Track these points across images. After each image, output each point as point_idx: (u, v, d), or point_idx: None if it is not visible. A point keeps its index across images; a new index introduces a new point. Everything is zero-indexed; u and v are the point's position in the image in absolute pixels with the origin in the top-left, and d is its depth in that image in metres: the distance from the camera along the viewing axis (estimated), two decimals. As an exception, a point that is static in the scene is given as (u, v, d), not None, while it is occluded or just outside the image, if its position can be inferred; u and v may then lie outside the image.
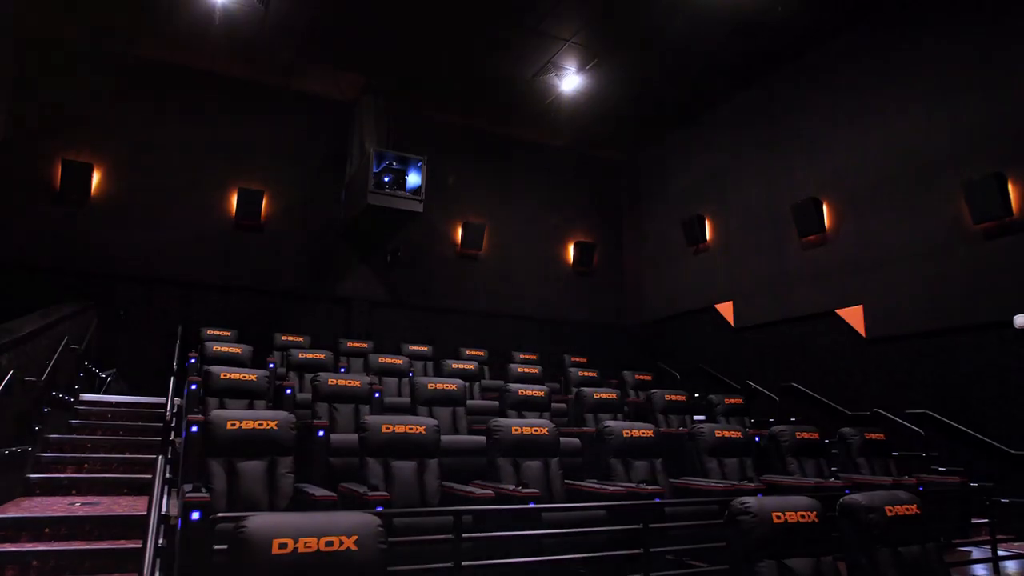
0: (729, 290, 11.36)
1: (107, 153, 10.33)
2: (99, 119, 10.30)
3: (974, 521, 6.37)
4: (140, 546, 2.63)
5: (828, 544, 3.85)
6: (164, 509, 4.28)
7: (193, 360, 8.21)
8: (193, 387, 6.53)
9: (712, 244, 11.95)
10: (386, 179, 10.90)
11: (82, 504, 5.02)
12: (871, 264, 9.04)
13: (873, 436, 6.78)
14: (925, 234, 8.41)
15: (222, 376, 6.22)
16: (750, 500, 3.80)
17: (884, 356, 8.77)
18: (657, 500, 4.68)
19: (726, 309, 11.35)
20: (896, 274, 8.70)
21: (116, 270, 10.06)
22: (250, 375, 6.37)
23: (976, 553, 5.81)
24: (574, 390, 7.89)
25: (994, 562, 5.29)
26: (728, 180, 11.65)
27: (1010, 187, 7.56)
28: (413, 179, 11.16)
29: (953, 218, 8.11)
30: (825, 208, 9.75)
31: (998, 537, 5.40)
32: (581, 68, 10.86)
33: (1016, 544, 6.05)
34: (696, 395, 8.65)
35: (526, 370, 9.19)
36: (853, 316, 9.22)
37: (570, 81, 11.11)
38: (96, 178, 10.21)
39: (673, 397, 7.94)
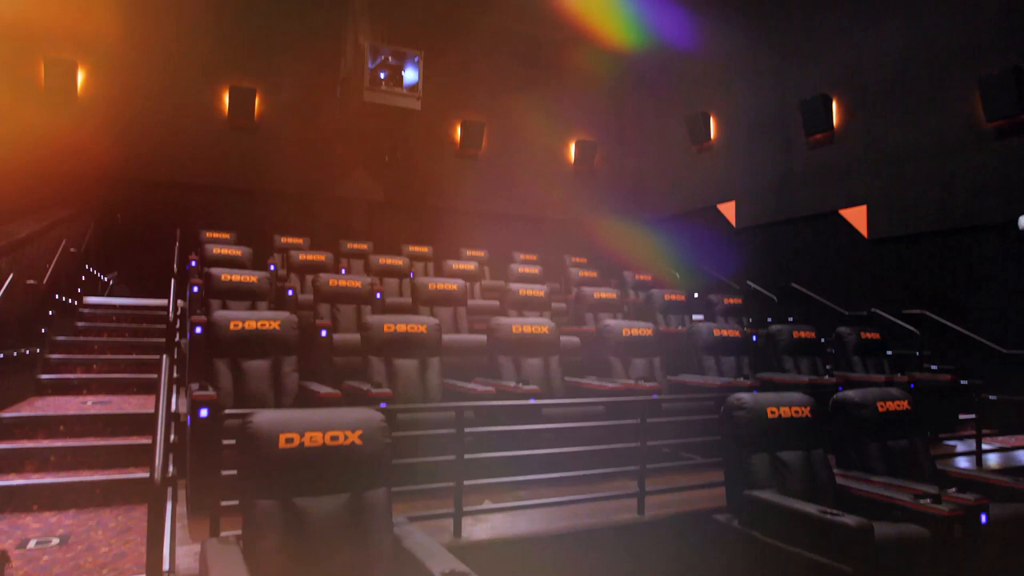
0: (732, 190, 11.22)
1: (91, 50, 9.92)
2: (80, 13, 9.81)
3: (961, 417, 6.57)
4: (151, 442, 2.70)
5: (820, 438, 3.98)
6: (174, 407, 4.39)
7: (194, 263, 8.22)
8: (195, 289, 6.57)
9: (716, 143, 11.68)
10: (382, 75, 10.54)
11: (93, 403, 5.15)
12: (878, 163, 8.87)
13: (869, 335, 6.87)
14: (935, 132, 8.20)
15: (223, 278, 6.23)
16: (745, 396, 3.89)
17: (885, 257, 8.76)
18: (655, 396, 4.78)
19: (728, 209, 11.24)
20: (903, 174, 8.54)
21: (109, 172, 9.87)
22: (251, 276, 6.38)
23: (961, 447, 6.02)
24: (574, 290, 7.94)
25: (978, 455, 5.49)
26: (736, 76, 11.25)
27: (1028, 82, 7.29)
28: (410, 75, 10.79)
29: (965, 116, 7.87)
30: (834, 105, 9.46)
31: (983, 432, 5.58)
32: (584, -46, 10.26)
33: (999, 438, 6.26)
34: (695, 295, 8.70)
35: (526, 270, 9.20)
36: (856, 216, 9.14)
37: (573, -32, 10.52)
38: (81, 77, 9.87)
39: (672, 297, 7.99)
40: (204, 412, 3.47)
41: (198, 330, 5.07)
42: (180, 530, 3.28)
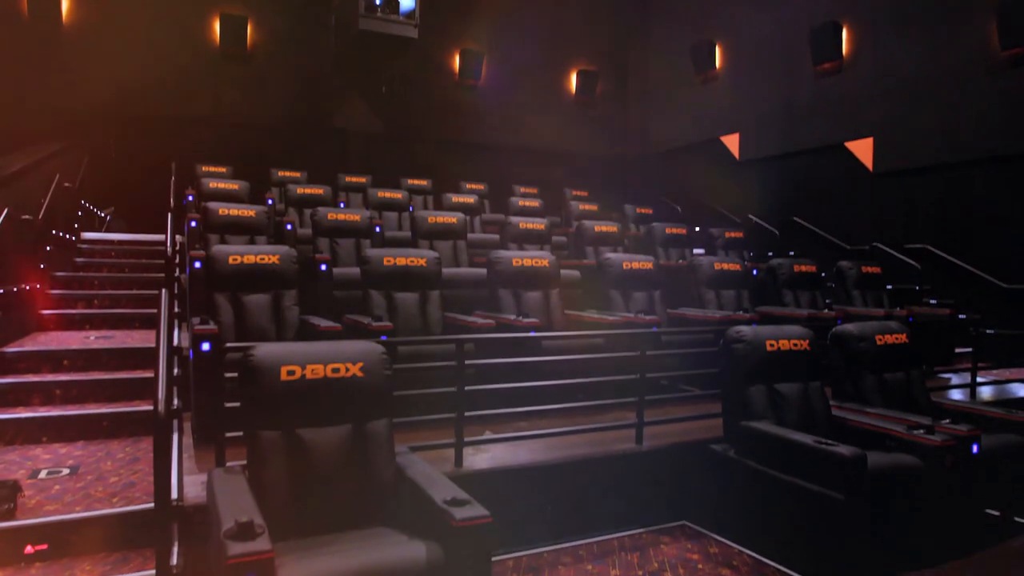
0: (736, 121, 11.00)
1: (73, -26, 9.55)
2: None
3: (958, 351, 6.63)
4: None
5: (818, 371, 4.02)
6: (176, 341, 4.41)
7: (191, 198, 8.13)
8: (193, 224, 6.52)
9: (721, 72, 11.39)
10: (377, 2, 10.21)
11: (96, 338, 5.17)
12: (887, 94, 8.66)
13: (869, 270, 6.86)
14: (948, 61, 7.97)
15: (220, 212, 6.18)
16: (745, 329, 3.91)
17: (890, 190, 8.66)
18: (654, 329, 4.81)
19: (731, 141, 11.06)
20: (912, 105, 8.35)
21: (99, 104, 9.63)
22: (249, 211, 6.33)
23: (955, 379, 6.09)
24: (575, 223, 7.90)
25: (972, 388, 5.56)
26: (743, 1, 10.86)
27: (1047, 7, 7.05)
28: (407, 1, 10.44)
29: (980, 44, 7.64)
30: (844, 32, 9.18)
31: (979, 365, 5.63)
32: None
33: (994, 372, 6.33)
34: (696, 228, 8.65)
35: (526, 203, 9.13)
36: (862, 149, 9.00)
37: None
38: (66, 5, 9.52)
39: (673, 230, 7.94)
40: (206, 346, 3.48)
41: (197, 265, 5.05)
42: (187, 460, 3.34)
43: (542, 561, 3.39)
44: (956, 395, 5.52)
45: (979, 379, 5.63)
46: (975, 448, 3.50)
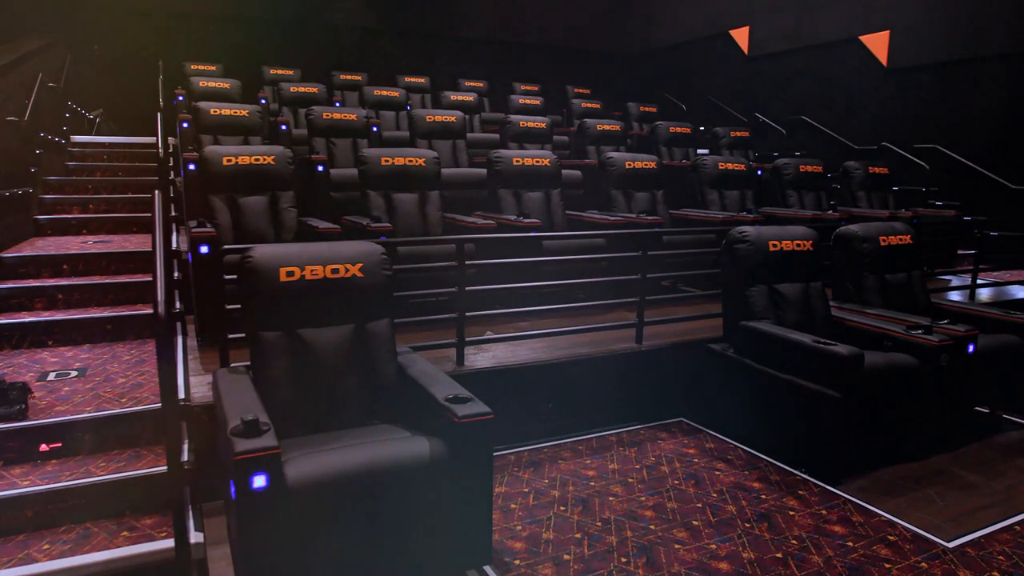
0: (747, 13, 10.49)
1: None
2: None
3: (960, 252, 6.60)
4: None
5: (820, 271, 4.01)
6: (175, 244, 4.39)
7: (181, 98, 7.90)
8: (184, 125, 6.35)
9: (733, -42, 10.77)
10: None
11: (94, 242, 5.13)
12: (908, -20, 8.22)
13: (876, 170, 6.73)
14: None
15: (212, 112, 6.02)
16: (748, 229, 3.87)
17: (902, 87, 8.36)
18: (656, 229, 4.76)
19: (741, 36, 10.59)
20: (933, -7, 7.94)
21: (80, -2, 9.19)
22: (242, 110, 6.16)
23: (955, 281, 6.10)
24: (576, 122, 7.71)
25: (972, 288, 5.57)
26: None
27: None
28: None
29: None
30: (866, -87, 8.61)
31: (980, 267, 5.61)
32: None
33: (994, 274, 6.33)
34: (701, 128, 8.43)
35: (527, 101, 8.88)
36: (877, 43, 8.62)
37: None
38: None
39: (678, 129, 7.75)
40: (204, 249, 3.46)
41: (191, 167, 4.96)
42: (192, 362, 3.38)
43: (542, 456, 3.50)
44: (956, 296, 5.53)
45: (980, 280, 5.64)
46: (971, 348, 3.54)
